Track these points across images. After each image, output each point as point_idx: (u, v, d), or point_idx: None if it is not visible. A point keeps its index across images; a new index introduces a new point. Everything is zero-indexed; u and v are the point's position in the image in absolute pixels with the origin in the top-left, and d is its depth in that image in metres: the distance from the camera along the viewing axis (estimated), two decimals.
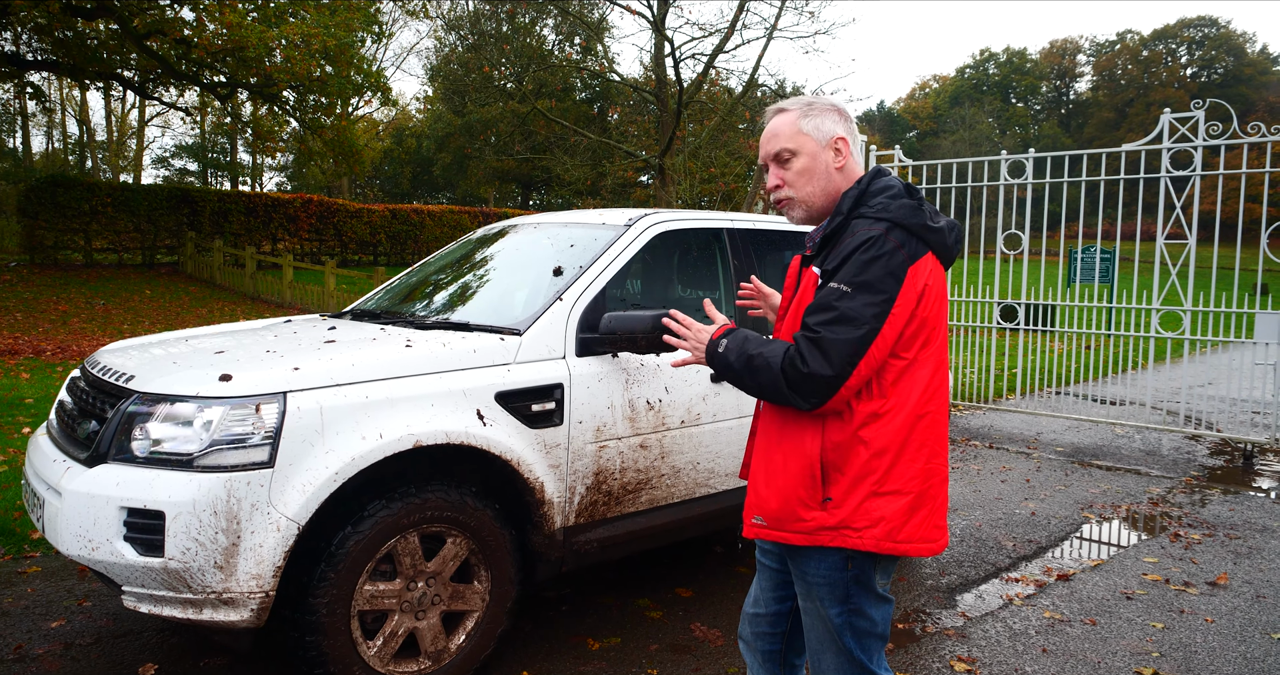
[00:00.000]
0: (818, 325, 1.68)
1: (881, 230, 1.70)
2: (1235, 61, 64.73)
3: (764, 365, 1.73)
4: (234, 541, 2.35)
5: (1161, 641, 3.37)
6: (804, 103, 1.88)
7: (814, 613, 1.85)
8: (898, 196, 1.77)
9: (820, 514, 1.74)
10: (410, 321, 3.35)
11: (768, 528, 1.81)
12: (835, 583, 1.79)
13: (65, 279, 17.17)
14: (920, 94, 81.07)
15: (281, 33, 14.66)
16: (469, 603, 2.83)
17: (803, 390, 1.69)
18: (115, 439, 2.50)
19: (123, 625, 3.33)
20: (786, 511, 1.77)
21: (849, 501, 1.72)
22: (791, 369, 1.68)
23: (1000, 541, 4.62)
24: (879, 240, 1.69)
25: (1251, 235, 6.63)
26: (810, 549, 1.79)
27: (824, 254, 1.80)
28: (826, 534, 1.74)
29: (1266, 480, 6.18)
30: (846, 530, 1.72)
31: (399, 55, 59.36)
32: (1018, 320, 7.83)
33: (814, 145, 1.85)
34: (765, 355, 1.74)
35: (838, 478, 1.73)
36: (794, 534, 1.77)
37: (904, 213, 1.73)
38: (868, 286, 1.66)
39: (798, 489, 1.75)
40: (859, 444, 1.72)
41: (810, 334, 1.68)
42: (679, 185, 18.96)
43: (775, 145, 1.87)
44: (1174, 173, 6.73)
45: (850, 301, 1.66)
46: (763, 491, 1.82)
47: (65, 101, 37.67)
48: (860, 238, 1.70)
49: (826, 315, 1.68)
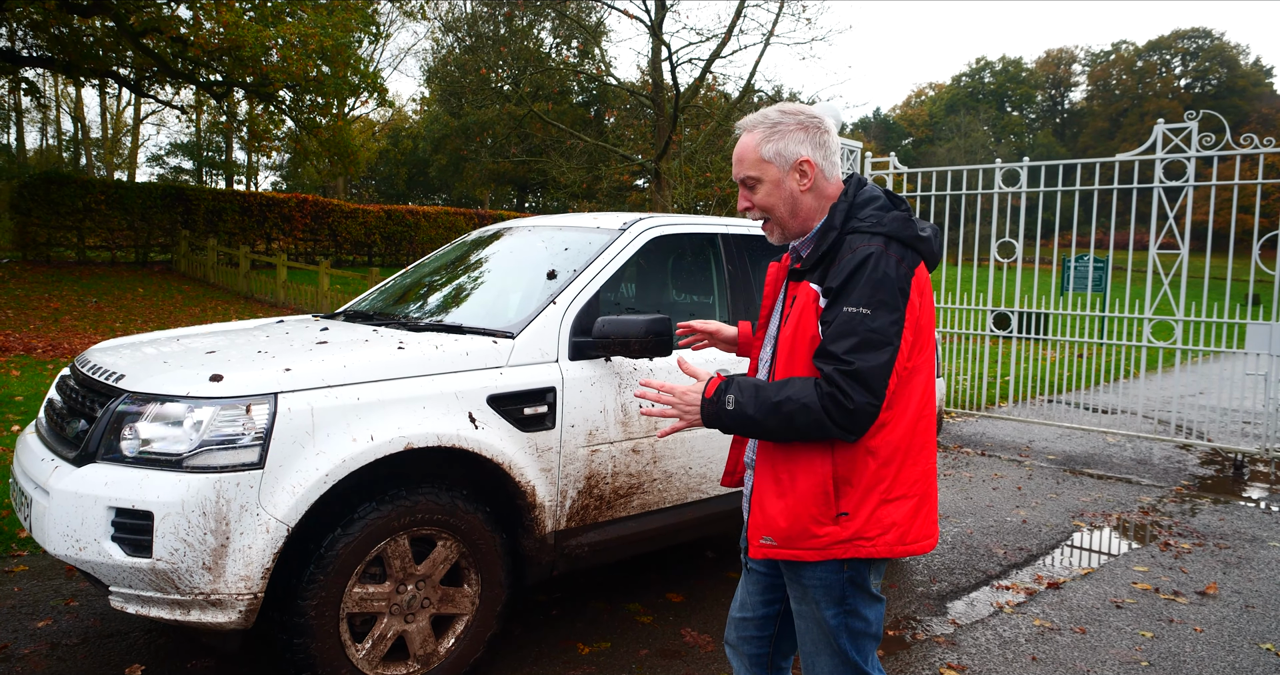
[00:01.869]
0: (848, 355, 1.64)
1: (880, 246, 1.69)
2: (1229, 73, 65.19)
3: (798, 408, 1.66)
4: (223, 543, 2.34)
5: (1151, 651, 3.37)
6: (769, 123, 1.82)
7: (809, 616, 1.84)
8: (887, 208, 1.77)
9: (833, 529, 1.72)
10: (403, 323, 3.35)
11: (778, 547, 1.77)
12: (832, 585, 1.78)
13: (58, 276, 17.10)
14: (916, 101, 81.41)
15: (278, 32, 14.63)
16: (459, 606, 2.82)
17: (850, 425, 1.66)
18: (104, 438, 2.49)
19: (110, 626, 3.30)
20: (798, 529, 1.73)
21: (861, 513, 1.72)
22: (834, 406, 1.64)
23: (991, 549, 4.62)
24: (881, 257, 1.68)
25: (1243, 246, 6.67)
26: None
27: (820, 269, 1.76)
28: (839, 548, 1.73)
29: (1256, 490, 6.20)
30: (860, 541, 1.72)
31: (396, 56, 59.47)
32: (1011, 328, 7.86)
33: (776, 172, 1.82)
34: (794, 398, 1.67)
35: (848, 491, 1.72)
36: (806, 551, 1.74)
37: (897, 226, 1.73)
38: (885, 305, 1.66)
39: (810, 507, 1.72)
40: (867, 455, 1.71)
41: (844, 367, 1.64)
42: (675, 189, 18.99)
43: (740, 171, 1.86)
44: (1167, 183, 6.76)
45: (872, 323, 1.65)
46: (770, 511, 1.77)
47: (60, 98, 37.59)
48: (861, 254, 1.69)
49: (853, 341, 1.64)
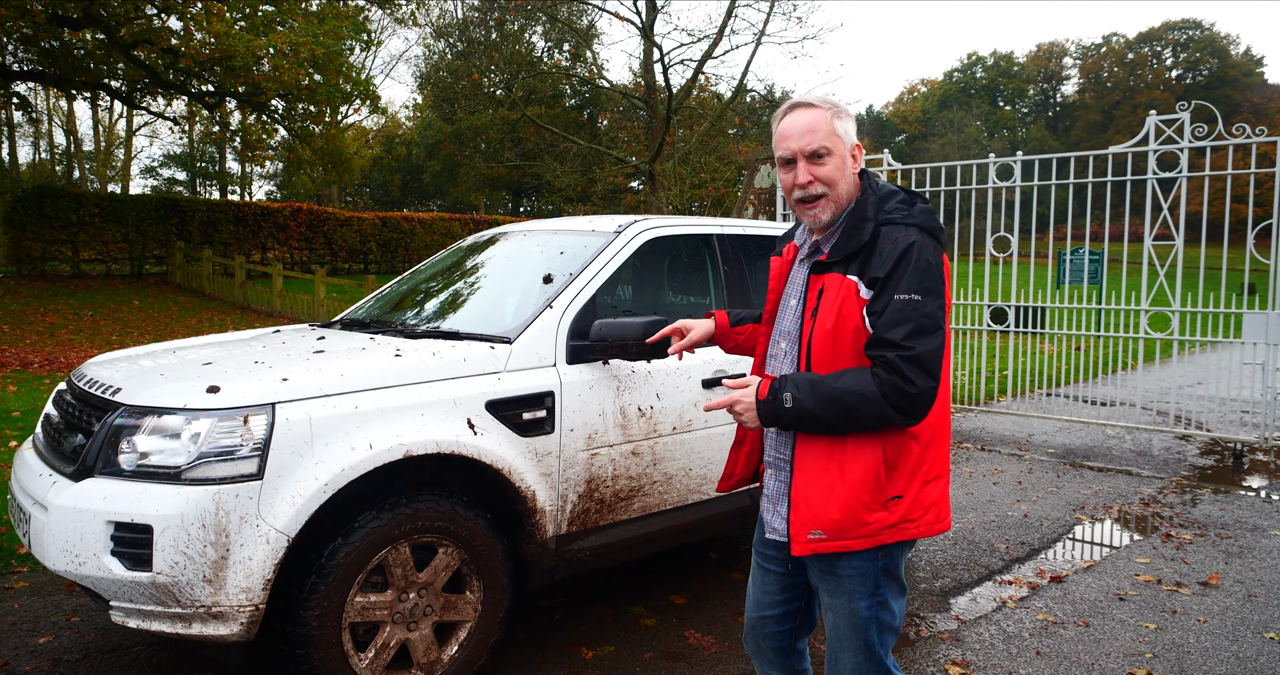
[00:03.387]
0: (907, 340, 1.68)
1: (918, 235, 1.76)
2: (1220, 63, 65.28)
3: (859, 399, 1.70)
4: (223, 555, 2.33)
5: (1154, 642, 3.37)
6: (831, 103, 1.87)
7: (841, 609, 1.86)
8: (909, 201, 1.84)
9: (883, 514, 1.78)
10: (400, 330, 3.34)
11: (829, 539, 1.79)
12: (867, 574, 1.83)
13: (53, 290, 17.06)
14: (909, 98, 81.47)
15: (270, 41, 14.62)
16: (461, 613, 2.81)
17: (913, 409, 1.71)
18: (102, 452, 2.48)
19: (111, 640, 3.29)
20: (851, 519, 1.77)
21: (909, 495, 1.79)
22: (896, 393, 1.68)
23: (993, 544, 4.62)
24: (921, 246, 1.75)
25: (1238, 235, 6.68)
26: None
27: (857, 261, 1.79)
28: (886, 533, 1.79)
29: (1256, 479, 6.20)
30: (904, 524, 1.80)
31: (388, 63, 59.43)
32: (1008, 322, 7.86)
33: (843, 148, 1.86)
34: (854, 389, 1.71)
35: (895, 476, 1.79)
36: (856, 540, 1.78)
37: (926, 217, 1.81)
38: (932, 291, 1.73)
39: (862, 495, 1.76)
40: (910, 439, 1.79)
41: (905, 352, 1.68)
42: (669, 191, 18.99)
43: (813, 141, 1.83)
44: (1160, 174, 6.78)
45: (924, 308, 1.71)
46: (818, 505, 1.79)
47: (52, 112, 37.50)
48: (904, 244, 1.75)
49: (910, 327, 1.69)
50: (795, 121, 1.86)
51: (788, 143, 1.86)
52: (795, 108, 1.89)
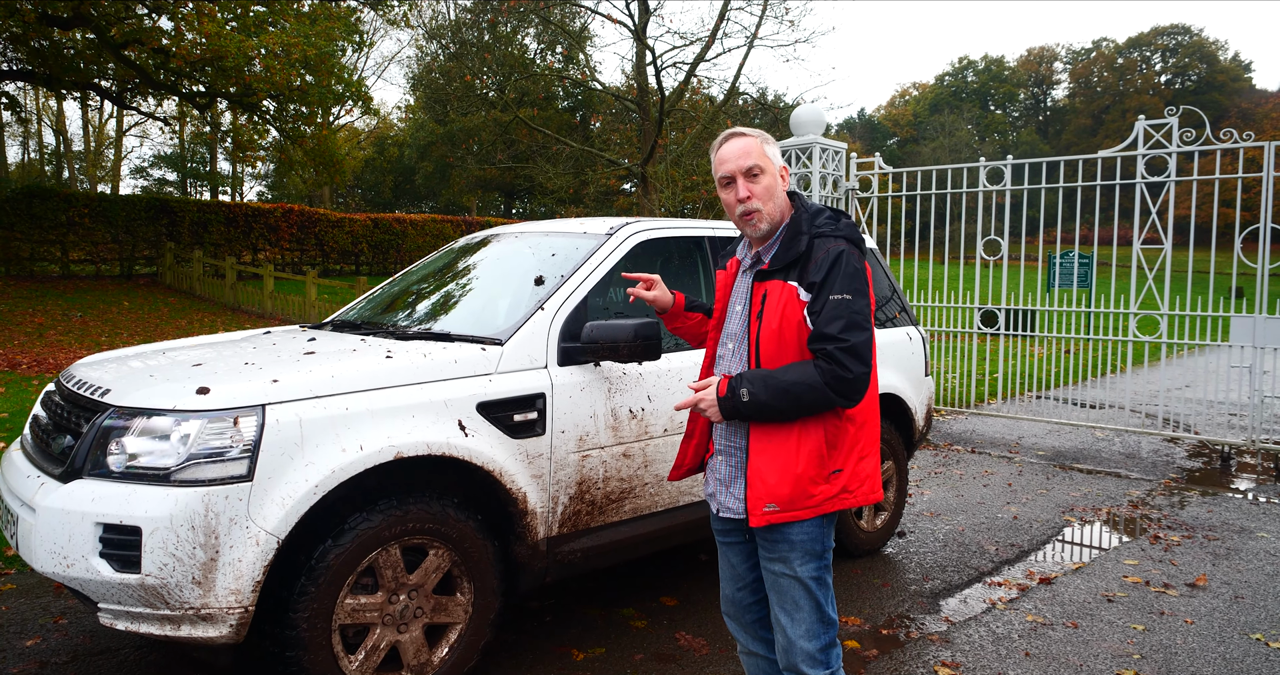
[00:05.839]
0: (843, 334, 1.96)
1: (846, 245, 2.06)
2: (1208, 69, 65.74)
3: (805, 389, 1.97)
4: (212, 556, 2.32)
5: (1142, 643, 3.39)
6: (761, 133, 2.17)
7: (787, 573, 2.10)
8: (836, 217, 2.14)
9: (825, 487, 2.05)
10: (391, 332, 3.34)
11: (781, 511, 2.04)
12: (814, 538, 2.08)
13: (41, 291, 16.96)
14: (900, 101, 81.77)
15: (261, 42, 14.58)
16: (452, 615, 2.81)
17: (850, 392, 1.98)
18: (90, 454, 2.47)
19: (100, 643, 3.28)
20: (799, 492, 2.03)
21: (847, 469, 2.08)
22: (835, 380, 1.96)
23: (983, 546, 4.64)
24: (849, 254, 2.05)
25: (1226, 239, 6.72)
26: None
27: (795, 269, 2.08)
28: (829, 503, 2.06)
29: (1244, 481, 6.25)
30: (844, 494, 2.08)
31: (380, 64, 59.12)
32: (998, 325, 7.90)
33: (774, 168, 2.15)
34: (800, 380, 1.98)
35: (834, 453, 2.06)
36: (805, 510, 2.05)
37: (850, 230, 2.11)
38: (860, 291, 2.02)
39: (809, 469, 2.03)
40: (848, 422, 2.08)
41: (842, 344, 1.96)
42: (662, 193, 19.01)
43: (749, 160, 2.12)
44: (1149, 178, 6.82)
45: (855, 305, 1.99)
46: (772, 481, 2.05)
47: (42, 111, 37.33)
48: (834, 252, 2.04)
49: (844, 322, 1.97)
50: (732, 147, 2.15)
51: (727, 165, 2.14)
52: (731, 137, 2.17)
